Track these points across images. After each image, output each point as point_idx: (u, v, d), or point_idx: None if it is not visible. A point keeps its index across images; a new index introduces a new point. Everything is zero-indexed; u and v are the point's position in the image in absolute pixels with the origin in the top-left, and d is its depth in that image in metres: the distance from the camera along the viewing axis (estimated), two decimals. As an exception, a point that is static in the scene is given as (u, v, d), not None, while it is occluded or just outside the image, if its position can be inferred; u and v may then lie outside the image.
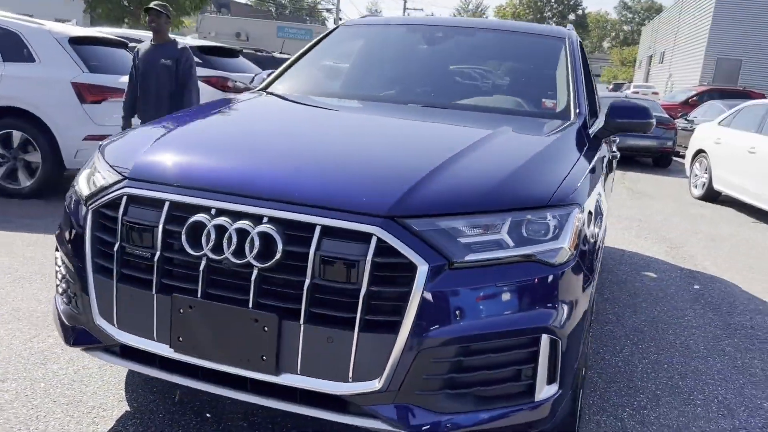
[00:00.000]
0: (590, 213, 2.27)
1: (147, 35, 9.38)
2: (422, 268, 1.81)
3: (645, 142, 13.03)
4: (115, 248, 2.06)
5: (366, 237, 1.84)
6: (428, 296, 1.82)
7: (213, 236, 1.91)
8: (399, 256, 1.82)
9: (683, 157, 11.88)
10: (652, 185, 11.16)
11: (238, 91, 8.83)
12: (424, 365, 1.85)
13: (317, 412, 1.96)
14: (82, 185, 2.35)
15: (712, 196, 9.44)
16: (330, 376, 1.89)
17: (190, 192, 2.01)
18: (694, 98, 19.34)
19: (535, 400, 1.97)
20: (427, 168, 2.10)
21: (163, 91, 5.70)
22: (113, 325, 2.12)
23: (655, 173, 12.99)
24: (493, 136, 2.54)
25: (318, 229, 1.86)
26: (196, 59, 8.86)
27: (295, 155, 2.28)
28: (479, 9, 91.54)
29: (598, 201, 2.50)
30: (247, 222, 1.90)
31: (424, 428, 1.88)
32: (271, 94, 3.43)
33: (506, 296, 1.90)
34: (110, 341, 2.14)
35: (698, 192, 9.76)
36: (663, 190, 10.71)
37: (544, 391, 1.98)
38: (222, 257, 1.91)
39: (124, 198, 2.08)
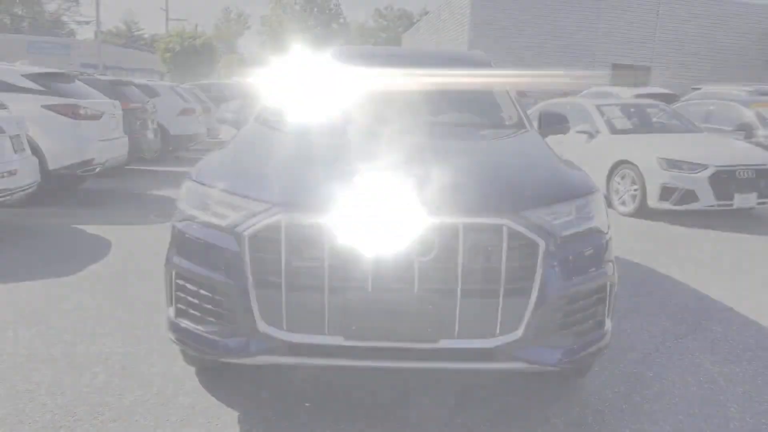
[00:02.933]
0: None
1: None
2: (542, 245, 2.51)
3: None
4: (282, 264, 2.45)
5: (498, 228, 2.48)
6: (547, 264, 2.52)
7: (379, 242, 2.41)
8: (524, 239, 2.50)
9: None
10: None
11: (90, 118, 8.35)
12: (548, 315, 2.55)
13: (470, 364, 2.59)
14: (203, 215, 2.67)
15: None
16: (481, 335, 2.51)
17: (347, 211, 2.47)
18: (472, 97, 22.00)
19: (604, 330, 2.78)
20: (510, 174, 2.80)
21: None
22: (282, 329, 2.50)
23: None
24: (518, 144, 3.30)
25: (461, 227, 2.46)
26: (36, 86, 8.33)
27: (413, 174, 2.81)
28: (241, 17, 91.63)
29: None
30: (405, 228, 2.43)
31: (551, 360, 2.59)
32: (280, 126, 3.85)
33: (588, 257, 2.69)
34: (278, 344, 2.51)
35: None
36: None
37: (607, 323, 2.80)
38: (389, 257, 2.42)
39: (283, 222, 2.47)
